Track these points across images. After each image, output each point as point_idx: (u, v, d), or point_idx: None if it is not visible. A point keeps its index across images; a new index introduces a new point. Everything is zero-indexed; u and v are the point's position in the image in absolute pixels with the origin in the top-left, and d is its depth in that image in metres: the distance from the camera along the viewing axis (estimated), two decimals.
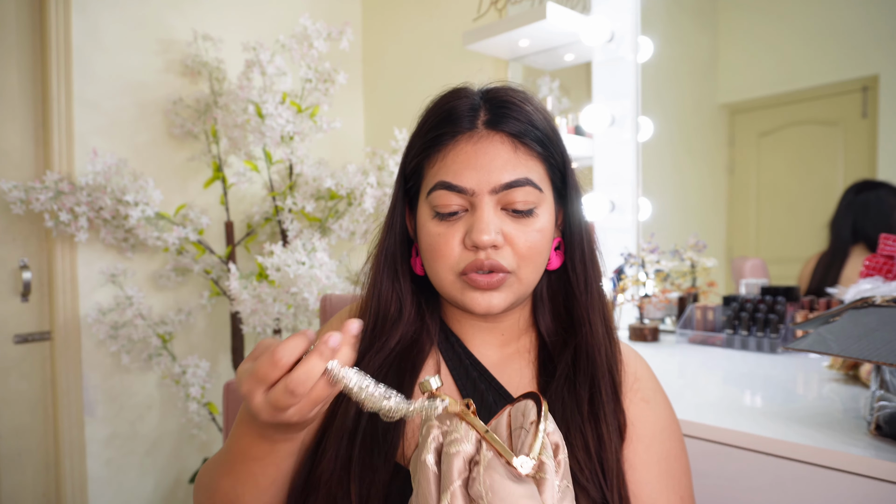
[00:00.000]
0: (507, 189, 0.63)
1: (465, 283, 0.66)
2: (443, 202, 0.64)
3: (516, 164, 0.64)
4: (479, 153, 0.64)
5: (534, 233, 0.65)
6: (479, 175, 0.63)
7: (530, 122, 0.66)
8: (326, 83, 1.80)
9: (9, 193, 1.61)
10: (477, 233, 0.62)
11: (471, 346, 0.72)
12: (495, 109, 0.66)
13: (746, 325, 1.38)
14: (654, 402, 0.70)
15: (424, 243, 0.67)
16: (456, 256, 0.65)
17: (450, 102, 0.67)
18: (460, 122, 0.65)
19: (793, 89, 1.59)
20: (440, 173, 0.65)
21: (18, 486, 1.78)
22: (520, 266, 0.65)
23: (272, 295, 1.55)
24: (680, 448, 0.70)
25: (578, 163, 1.90)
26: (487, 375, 0.69)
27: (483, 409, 0.66)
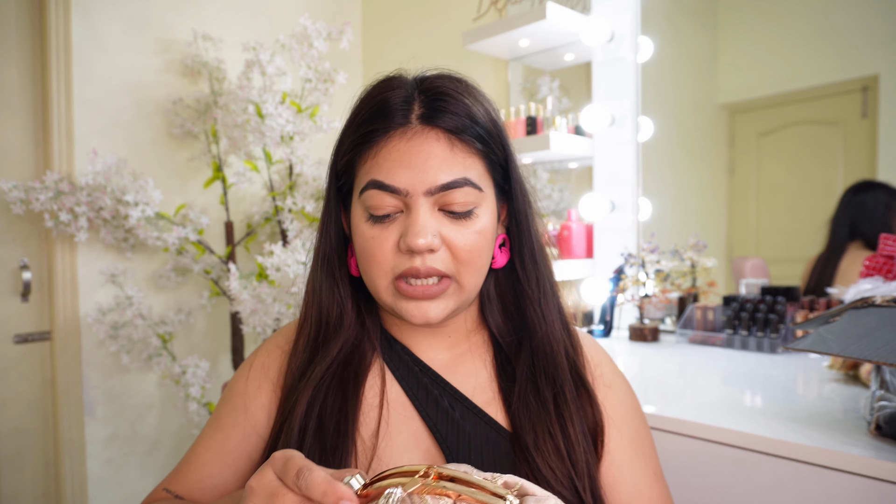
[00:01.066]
0: (443, 190, 0.59)
1: (398, 292, 0.61)
2: (375, 203, 0.60)
3: (453, 164, 0.60)
4: (413, 151, 0.59)
5: (473, 234, 0.61)
6: (414, 175, 0.58)
7: (469, 115, 0.61)
8: (326, 83, 1.80)
9: (9, 193, 1.60)
10: (412, 236, 0.58)
11: (417, 351, 0.68)
12: (430, 102, 0.61)
13: (746, 325, 1.38)
14: (616, 385, 0.70)
15: (358, 246, 0.63)
16: (390, 261, 0.60)
17: (382, 94, 0.62)
18: (393, 116, 0.60)
19: (793, 89, 1.59)
20: (372, 171, 0.60)
21: (18, 486, 1.78)
22: (459, 270, 0.61)
23: (272, 295, 1.55)
24: (644, 425, 0.71)
25: (578, 163, 1.90)
26: (440, 380, 0.66)
27: (439, 414, 0.64)
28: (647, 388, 1.10)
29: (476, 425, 0.63)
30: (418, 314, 0.61)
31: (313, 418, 0.62)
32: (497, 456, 0.62)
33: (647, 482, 0.67)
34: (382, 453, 0.62)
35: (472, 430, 0.63)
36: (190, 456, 0.69)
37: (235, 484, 0.67)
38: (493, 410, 0.65)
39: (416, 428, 0.64)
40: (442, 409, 0.64)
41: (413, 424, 0.64)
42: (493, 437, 0.63)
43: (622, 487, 0.66)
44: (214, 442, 0.68)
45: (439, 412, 0.64)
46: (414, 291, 0.60)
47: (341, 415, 0.62)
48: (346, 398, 0.63)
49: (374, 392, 0.66)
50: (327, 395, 0.64)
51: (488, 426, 0.63)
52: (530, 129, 1.77)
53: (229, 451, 0.67)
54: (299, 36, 1.76)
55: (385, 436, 0.63)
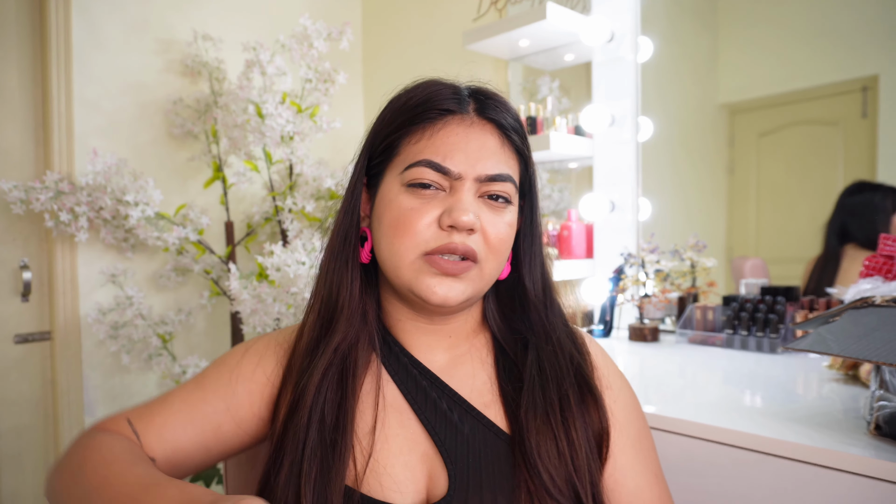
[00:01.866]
0: (490, 181, 0.62)
1: (425, 266, 0.61)
2: (423, 176, 0.61)
3: (501, 157, 0.64)
4: (471, 138, 0.62)
5: (505, 225, 0.64)
6: (469, 161, 0.61)
7: (515, 119, 0.67)
8: (326, 83, 1.80)
9: (9, 193, 1.61)
10: (459, 212, 0.60)
11: (416, 353, 0.68)
12: (484, 100, 0.65)
13: (746, 325, 1.38)
14: (617, 387, 0.70)
15: (390, 217, 0.63)
16: (426, 234, 0.61)
17: (433, 86, 0.65)
18: (449, 102, 0.63)
19: (793, 89, 1.59)
20: (425, 151, 0.62)
21: (18, 486, 1.78)
22: (487, 257, 0.63)
23: (272, 295, 1.55)
24: (646, 426, 0.71)
25: (578, 163, 1.90)
26: (438, 382, 0.66)
27: (437, 417, 0.64)
28: (646, 388, 1.10)
29: (475, 428, 0.63)
30: (441, 292, 0.61)
31: (317, 411, 0.63)
32: (495, 459, 0.62)
33: (648, 483, 0.67)
34: (379, 454, 0.62)
35: (471, 433, 0.63)
36: (164, 400, 0.68)
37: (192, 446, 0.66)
38: (492, 413, 0.65)
39: (413, 431, 0.63)
40: (440, 411, 0.64)
41: (411, 427, 0.64)
42: (491, 439, 0.63)
43: (623, 489, 0.66)
44: (191, 398, 0.68)
45: (437, 415, 0.64)
46: (446, 266, 0.61)
47: (340, 411, 0.63)
48: (344, 394, 0.63)
49: (371, 392, 0.66)
50: (328, 388, 0.64)
51: (487, 429, 0.63)
52: (530, 129, 1.77)
53: (202, 412, 0.67)
54: (299, 36, 1.76)
55: (382, 438, 0.63)
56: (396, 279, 0.64)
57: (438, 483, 0.61)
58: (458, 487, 0.60)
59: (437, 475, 0.61)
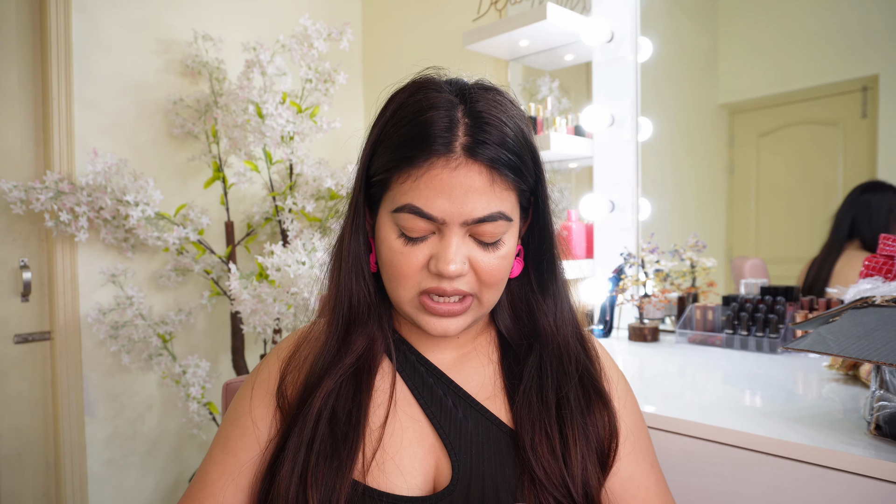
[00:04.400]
0: (478, 223, 0.61)
1: (422, 306, 0.64)
2: (409, 225, 0.61)
3: (491, 198, 0.60)
4: (455, 183, 0.59)
5: (497, 259, 0.63)
6: (453, 206, 0.59)
7: (509, 149, 0.61)
8: (326, 83, 1.80)
9: (9, 193, 1.61)
10: (444, 263, 0.60)
11: (423, 349, 0.71)
12: (475, 132, 0.60)
13: (746, 325, 1.38)
14: (614, 380, 0.72)
15: (385, 258, 0.64)
16: (417, 278, 0.63)
17: (425, 113, 0.61)
18: (435, 142, 0.59)
19: (793, 89, 1.59)
20: (409, 195, 0.60)
21: (18, 486, 1.78)
22: (482, 290, 0.64)
23: (272, 295, 1.55)
24: (641, 418, 0.73)
25: (578, 163, 1.90)
26: (444, 379, 0.69)
27: (443, 412, 0.66)
28: (646, 388, 1.10)
29: (478, 422, 0.66)
30: (439, 328, 0.64)
31: (328, 407, 0.64)
32: (498, 452, 0.64)
33: (643, 472, 0.69)
34: (389, 447, 0.64)
35: (475, 428, 0.66)
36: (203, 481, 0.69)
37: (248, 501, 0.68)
38: (496, 406, 0.68)
39: (421, 425, 0.66)
40: (446, 407, 0.67)
41: (418, 422, 0.66)
42: (494, 432, 0.65)
43: (616, 479, 0.67)
44: (226, 466, 0.68)
45: (443, 410, 0.66)
46: (438, 309, 0.63)
47: (354, 405, 0.65)
48: (359, 389, 0.65)
49: (383, 388, 0.68)
50: (343, 385, 0.66)
51: (490, 422, 0.66)
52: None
53: (243, 474, 0.68)
54: (299, 36, 1.76)
55: (392, 432, 0.65)
56: (399, 309, 0.66)
57: (443, 473, 0.64)
58: (461, 478, 0.63)
59: (442, 466, 0.64)
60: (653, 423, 0.93)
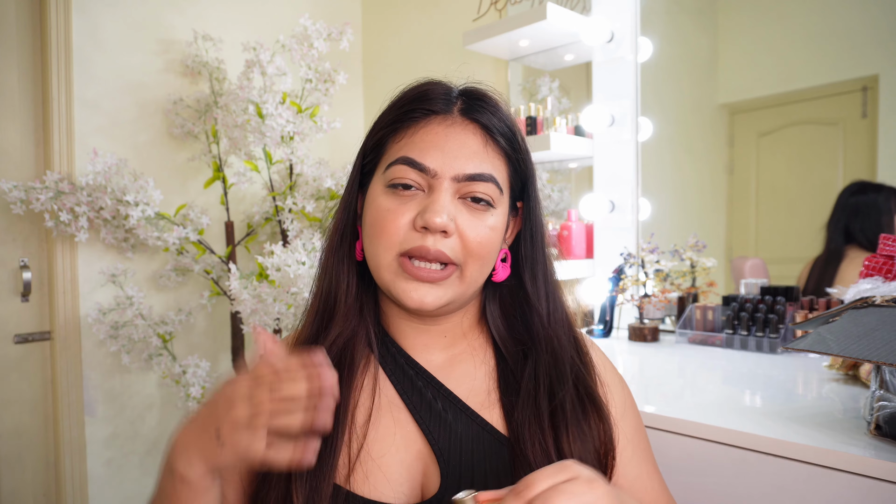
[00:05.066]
0: (469, 180, 0.62)
1: (400, 269, 0.62)
2: (401, 175, 0.62)
3: (484, 158, 0.63)
4: (450, 137, 0.62)
5: (486, 228, 0.63)
6: (445, 158, 0.61)
7: (503, 120, 0.65)
8: (326, 83, 1.80)
9: (9, 193, 1.60)
10: (431, 213, 0.59)
11: (412, 351, 0.68)
12: (471, 101, 0.65)
13: (746, 325, 1.38)
14: (612, 384, 0.71)
15: (370, 218, 0.64)
16: (401, 235, 0.61)
17: (425, 86, 0.66)
18: (435, 102, 0.64)
19: (792, 89, 1.59)
20: (405, 149, 0.63)
21: (18, 486, 1.78)
22: (466, 261, 0.62)
23: (272, 295, 1.55)
24: (639, 419, 0.72)
25: (578, 163, 1.90)
26: (434, 382, 0.66)
27: (432, 416, 0.64)
28: (646, 388, 1.10)
29: (469, 428, 0.63)
30: (416, 297, 0.62)
31: None
32: (488, 458, 0.62)
33: (647, 474, 0.68)
34: (375, 452, 0.62)
35: (465, 433, 0.63)
36: None
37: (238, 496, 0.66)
38: (489, 413, 0.65)
39: (409, 430, 0.64)
40: (435, 411, 0.64)
41: (406, 426, 0.64)
42: (486, 439, 0.63)
43: (623, 482, 0.66)
44: None
45: (432, 415, 0.64)
46: (418, 273, 0.61)
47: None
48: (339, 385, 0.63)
49: (367, 390, 0.66)
50: None
51: (481, 428, 0.64)
52: (530, 129, 1.77)
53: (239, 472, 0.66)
54: (299, 36, 1.76)
55: (379, 436, 0.63)
56: (378, 279, 0.65)
57: (432, 481, 0.61)
58: (450, 485, 0.60)
59: (430, 473, 0.62)
60: (653, 423, 0.93)
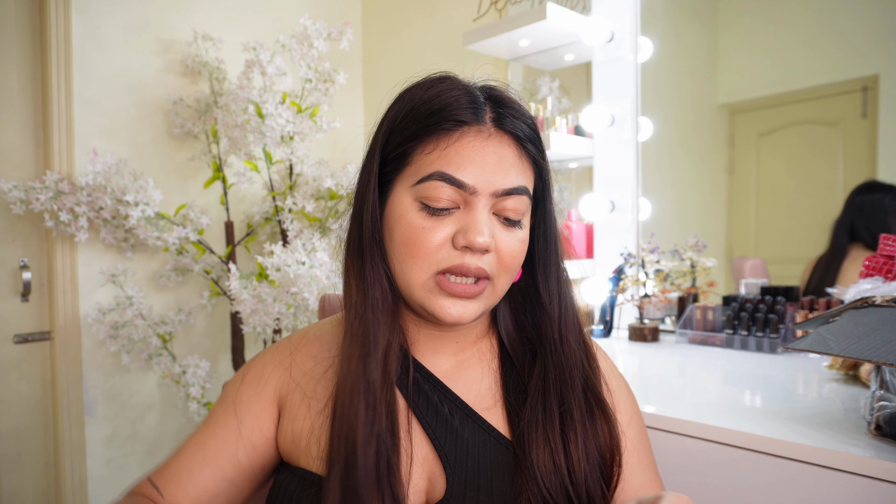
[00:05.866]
0: (507, 195, 0.60)
1: (437, 287, 0.60)
2: (435, 194, 0.59)
3: (520, 170, 0.61)
4: (488, 151, 0.59)
5: (518, 242, 0.62)
6: (485, 174, 0.59)
7: (531, 126, 0.63)
8: (326, 83, 1.80)
9: (9, 193, 1.60)
10: (474, 233, 0.58)
11: (421, 356, 0.67)
12: (501, 108, 0.62)
13: (746, 325, 1.38)
14: (618, 389, 0.71)
15: (401, 236, 0.60)
16: (437, 255, 0.59)
17: (448, 91, 0.61)
18: (465, 112, 0.60)
19: (793, 89, 1.59)
20: (438, 163, 0.59)
21: (18, 486, 1.78)
22: (499, 274, 0.61)
23: (272, 295, 1.55)
24: (644, 425, 0.72)
25: (578, 163, 1.90)
26: (441, 387, 0.65)
27: (438, 422, 0.63)
28: (647, 388, 1.10)
29: (475, 433, 0.63)
30: (454, 312, 0.60)
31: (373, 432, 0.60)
32: (494, 464, 0.62)
33: (651, 481, 0.68)
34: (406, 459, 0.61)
35: (471, 438, 0.63)
36: (179, 449, 0.69)
37: (215, 484, 0.66)
38: (494, 417, 0.65)
39: (415, 435, 0.63)
40: (442, 416, 0.63)
41: (413, 431, 0.63)
42: (491, 444, 0.63)
43: (629, 489, 0.66)
44: (201, 437, 0.68)
45: (439, 420, 0.63)
46: (456, 289, 0.59)
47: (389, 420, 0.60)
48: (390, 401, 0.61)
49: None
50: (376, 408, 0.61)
51: (487, 434, 0.63)
52: None
53: (213, 448, 0.67)
54: (299, 36, 1.76)
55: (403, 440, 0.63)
56: (409, 297, 0.62)
57: (437, 486, 0.61)
58: (456, 491, 0.60)
59: (436, 478, 0.61)
60: (653, 423, 0.93)
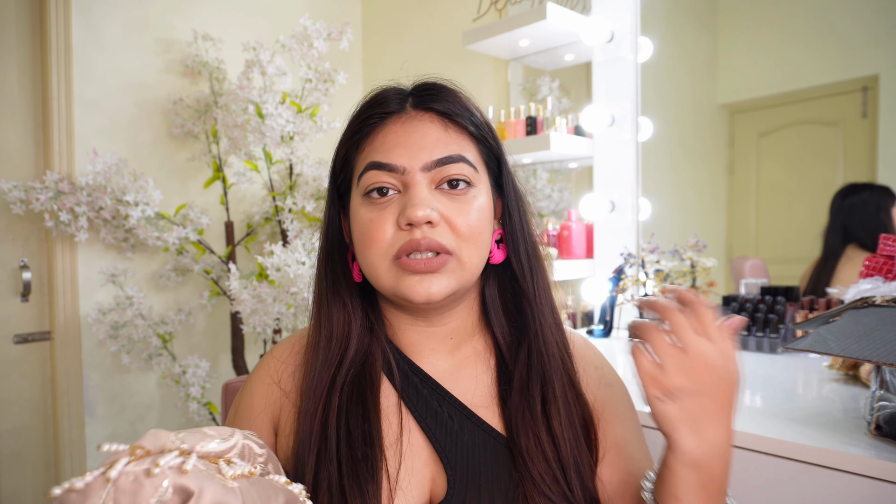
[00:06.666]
0: (439, 166, 0.61)
1: (398, 269, 0.61)
2: (373, 181, 0.62)
3: (448, 142, 0.63)
4: (409, 131, 0.63)
5: (473, 211, 0.62)
6: (410, 153, 0.61)
7: (459, 102, 0.65)
8: (326, 83, 1.80)
9: (9, 193, 1.60)
10: (411, 208, 0.59)
11: (418, 358, 0.68)
12: (423, 92, 0.66)
13: (746, 326, 1.38)
14: (616, 384, 0.72)
15: (357, 233, 0.64)
16: (389, 239, 0.61)
17: (377, 93, 0.67)
18: (388, 104, 0.64)
19: (793, 89, 1.59)
20: (370, 155, 0.63)
21: (18, 486, 1.78)
22: (461, 246, 0.61)
23: (272, 295, 1.55)
24: (636, 414, 0.73)
25: (578, 163, 1.90)
26: (439, 389, 0.66)
27: (438, 424, 0.64)
28: None
29: (474, 433, 0.64)
30: (421, 290, 0.61)
31: (343, 427, 0.62)
32: (494, 462, 0.62)
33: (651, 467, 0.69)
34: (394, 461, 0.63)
35: (471, 439, 0.63)
36: None
37: None
38: (490, 415, 0.65)
39: (415, 438, 0.64)
40: (441, 419, 0.64)
41: (413, 435, 0.64)
42: (490, 443, 0.63)
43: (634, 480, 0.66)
44: None
45: (438, 423, 0.64)
46: (416, 265, 0.60)
47: (366, 424, 0.62)
48: (367, 408, 0.63)
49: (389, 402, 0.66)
50: (350, 403, 0.64)
51: (485, 433, 0.64)
52: (530, 129, 1.77)
53: None
54: (299, 36, 1.76)
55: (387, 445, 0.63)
56: (380, 288, 0.64)
57: (439, 486, 0.62)
58: (457, 491, 0.61)
59: (438, 479, 0.62)
60: (653, 423, 0.93)
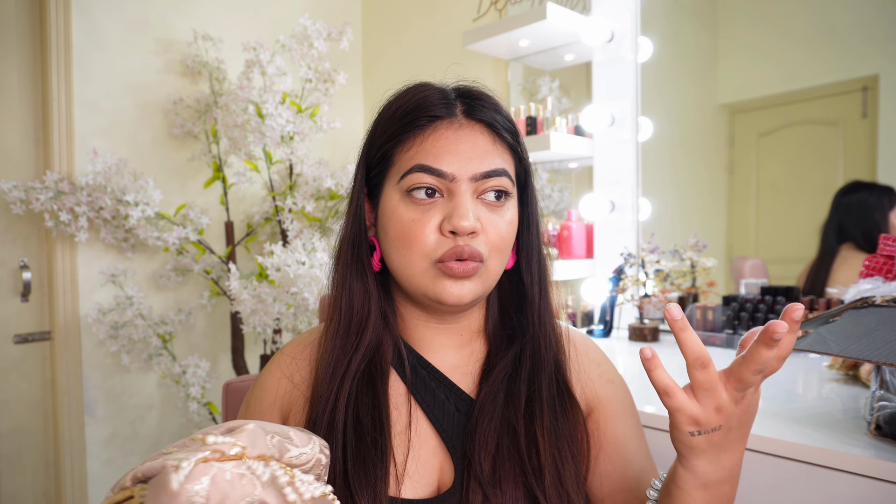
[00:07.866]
0: (486, 178, 0.63)
1: (439, 272, 0.63)
2: (420, 181, 0.63)
3: (495, 155, 0.65)
4: (461, 139, 0.64)
5: (505, 223, 0.65)
6: (461, 161, 0.63)
7: (503, 115, 0.67)
8: (326, 83, 1.80)
9: (9, 193, 1.60)
10: (458, 218, 0.61)
11: (427, 353, 0.70)
12: (471, 101, 0.66)
13: (746, 326, 1.38)
14: (617, 381, 0.74)
15: (394, 230, 0.64)
16: (432, 244, 0.62)
17: (421, 92, 0.67)
18: (436, 108, 0.65)
19: (793, 89, 1.59)
20: (417, 157, 0.63)
21: (18, 486, 1.78)
22: (490, 255, 0.64)
23: (272, 295, 1.55)
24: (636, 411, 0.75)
25: (578, 163, 1.90)
26: (446, 382, 0.68)
27: (445, 419, 0.66)
28: (647, 387, 1.10)
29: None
30: (456, 291, 0.63)
31: (351, 414, 0.65)
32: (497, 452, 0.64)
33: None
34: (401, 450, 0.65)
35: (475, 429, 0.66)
36: None
37: None
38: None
39: (424, 428, 0.66)
40: (448, 411, 0.67)
41: (421, 425, 0.67)
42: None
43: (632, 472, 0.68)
44: None
45: (445, 414, 0.67)
46: (457, 271, 0.62)
47: (376, 412, 0.65)
48: (377, 395, 0.65)
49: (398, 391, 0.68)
50: (360, 390, 0.66)
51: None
52: (530, 129, 1.77)
53: None
54: (299, 36, 1.76)
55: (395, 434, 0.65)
56: (410, 286, 0.66)
57: (447, 475, 0.64)
58: (463, 480, 0.63)
59: (445, 468, 0.65)
60: (653, 424, 0.93)
